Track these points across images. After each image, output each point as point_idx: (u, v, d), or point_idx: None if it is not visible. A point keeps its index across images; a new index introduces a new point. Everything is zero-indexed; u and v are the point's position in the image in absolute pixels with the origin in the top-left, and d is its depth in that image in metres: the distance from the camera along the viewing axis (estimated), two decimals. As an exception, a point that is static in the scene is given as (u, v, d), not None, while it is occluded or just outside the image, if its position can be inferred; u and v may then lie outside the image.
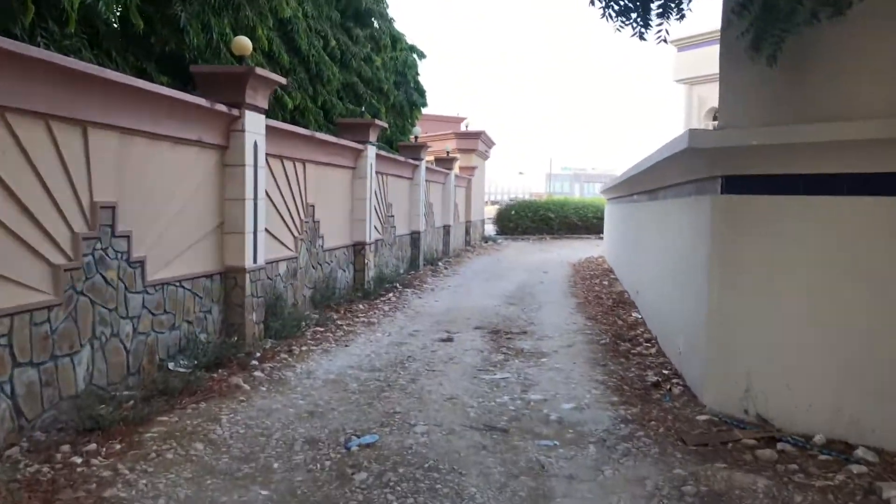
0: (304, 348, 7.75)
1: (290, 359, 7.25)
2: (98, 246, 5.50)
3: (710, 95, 22.46)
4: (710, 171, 5.65)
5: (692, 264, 6.31)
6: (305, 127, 10.79)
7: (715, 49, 6.15)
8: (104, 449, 4.56)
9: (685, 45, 23.44)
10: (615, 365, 7.28)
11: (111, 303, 5.66)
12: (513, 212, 32.08)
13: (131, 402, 5.35)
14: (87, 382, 5.36)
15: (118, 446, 4.62)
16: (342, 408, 5.63)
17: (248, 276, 7.64)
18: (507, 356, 7.71)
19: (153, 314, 6.29)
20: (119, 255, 5.76)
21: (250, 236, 7.72)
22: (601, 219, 29.53)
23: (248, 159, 7.63)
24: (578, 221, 31.42)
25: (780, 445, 4.70)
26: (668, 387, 6.29)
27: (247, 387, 6.08)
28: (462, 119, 31.43)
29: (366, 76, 15.99)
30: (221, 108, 7.10)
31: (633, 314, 10.49)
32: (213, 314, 7.36)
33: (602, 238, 27.08)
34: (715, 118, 23.15)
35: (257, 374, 6.49)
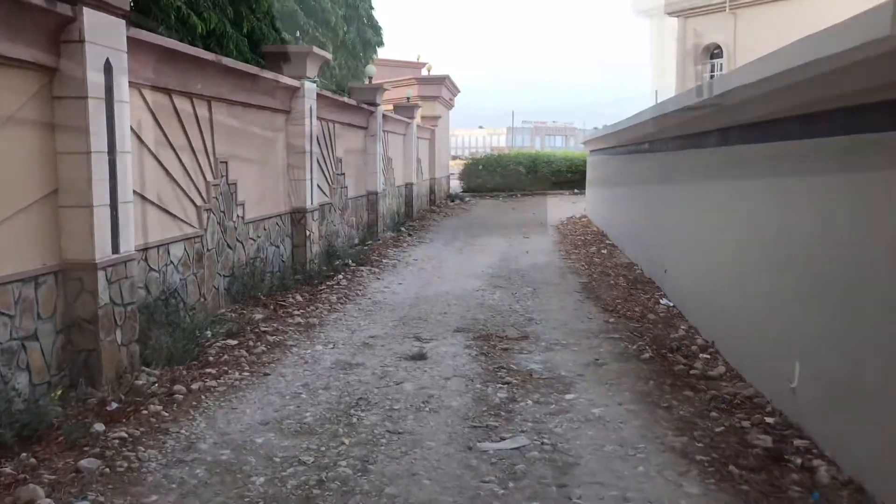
0: (196, 385, 4.96)
1: (165, 412, 4.46)
2: None
3: (708, 30, 19.65)
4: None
5: (845, 251, 3.69)
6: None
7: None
8: None
9: (677, -29, 20.54)
10: (683, 405, 4.68)
11: None
12: (480, 167, 29.66)
13: None
14: None
15: None
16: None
17: (101, 273, 4.81)
18: (511, 390, 5.04)
19: None
20: None
21: (104, 211, 4.86)
22: (576, 173, 27.01)
23: (95, 89, 4.73)
24: (551, 176, 28.96)
25: None
26: (800, 462, 3.71)
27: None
28: (423, 64, 28.21)
29: (308, 2, 12.96)
30: (32, -3, 4.17)
31: (662, 301, 7.93)
32: (43, 341, 4.54)
33: (577, 194, 24.55)
34: (713, 56, 20.43)
35: (86, 462, 3.62)
